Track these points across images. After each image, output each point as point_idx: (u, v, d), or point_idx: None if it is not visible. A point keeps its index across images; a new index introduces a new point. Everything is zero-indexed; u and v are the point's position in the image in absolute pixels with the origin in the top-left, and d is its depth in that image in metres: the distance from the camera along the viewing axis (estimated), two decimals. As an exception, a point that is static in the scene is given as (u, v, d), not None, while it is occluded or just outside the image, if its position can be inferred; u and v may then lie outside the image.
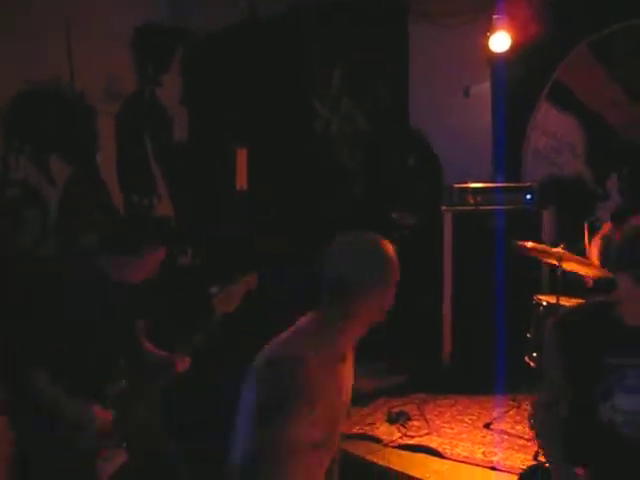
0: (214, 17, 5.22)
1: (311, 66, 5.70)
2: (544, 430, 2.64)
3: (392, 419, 4.72)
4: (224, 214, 5.28)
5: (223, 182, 5.30)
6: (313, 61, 5.71)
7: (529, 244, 4.63)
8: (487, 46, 5.75)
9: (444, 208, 5.68)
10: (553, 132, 6.12)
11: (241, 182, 5.36)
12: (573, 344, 2.50)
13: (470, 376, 5.23)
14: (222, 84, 5.32)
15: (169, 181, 5.13)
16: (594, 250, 5.05)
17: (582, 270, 4.76)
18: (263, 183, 5.37)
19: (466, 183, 5.71)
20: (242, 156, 5.28)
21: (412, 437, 4.50)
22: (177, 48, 5.17)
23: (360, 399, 5.05)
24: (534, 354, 4.67)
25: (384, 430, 4.60)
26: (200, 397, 4.28)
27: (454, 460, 4.21)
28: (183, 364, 3.08)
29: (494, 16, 5.64)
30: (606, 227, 5.17)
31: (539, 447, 2.67)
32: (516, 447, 4.33)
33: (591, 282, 4.92)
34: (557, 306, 4.51)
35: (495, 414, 4.81)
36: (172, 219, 5.12)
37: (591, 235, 5.22)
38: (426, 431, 4.59)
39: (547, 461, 2.63)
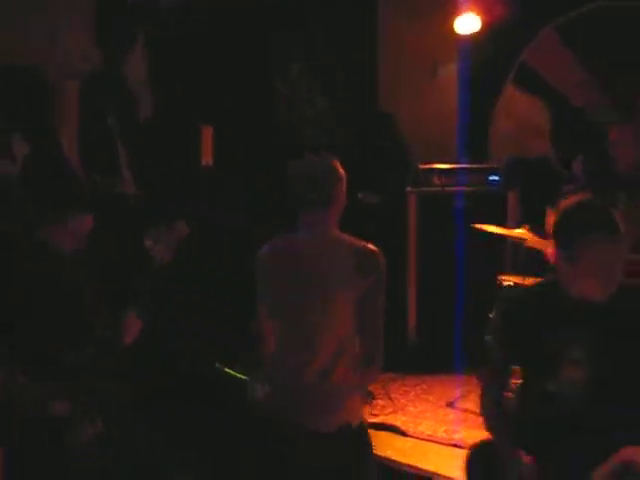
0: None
1: (276, 46, 5.67)
2: (492, 419, 2.69)
3: (356, 398, 4.74)
4: (190, 191, 5.25)
5: (189, 159, 5.27)
6: (278, 40, 5.67)
7: (488, 228, 4.65)
8: (454, 27, 5.76)
9: (409, 189, 5.69)
10: (519, 114, 6.15)
11: (206, 158, 5.34)
12: (518, 321, 2.56)
13: (435, 356, 5.28)
14: (187, 62, 5.27)
15: (133, 159, 5.08)
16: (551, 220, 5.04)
17: (546, 247, 4.78)
18: (229, 160, 5.35)
19: (432, 164, 5.72)
20: (207, 133, 5.24)
21: (377, 416, 4.53)
22: (141, 24, 5.10)
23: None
24: (497, 334, 4.71)
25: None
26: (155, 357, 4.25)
27: (417, 438, 4.27)
28: (135, 326, 3.03)
29: (461, -3, 5.65)
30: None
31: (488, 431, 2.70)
32: (478, 425, 4.34)
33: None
34: (520, 286, 4.55)
35: (458, 393, 4.87)
36: (136, 197, 5.06)
37: None
38: (390, 410, 4.63)
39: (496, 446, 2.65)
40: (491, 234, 4.78)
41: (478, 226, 4.63)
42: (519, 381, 2.66)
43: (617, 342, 2.43)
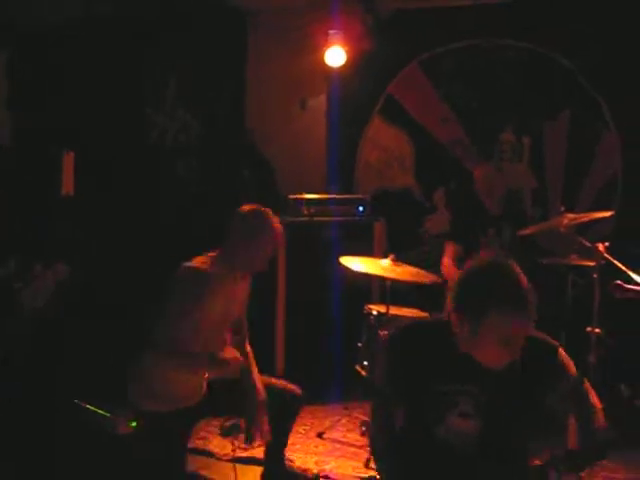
0: (44, 14, 4.95)
1: (146, 72, 5.54)
2: (381, 454, 2.54)
3: (225, 432, 4.62)
4: (49, 219, 5.01)
5: (48, 187, 5.03)
6: (147, 67, 5.55)
7: (352, 263, 4.62)
8: (323, 60, 5.83)
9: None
10: (384, 145, 6.29)
11: (67, 187, 5.11)
12: (406, 363, 2.41)
13: (303, 386, 5.23)
14: (51, 86, 5.05)
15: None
16: (451, 271, 5.09)
17: (411, 278, 4.87)
18: (91, 189, 5.15)
19: (300, 194, 5.74)
20: (69, 160, 5.02)
21: (245, 449, 4.43)
22: (2, 46, 4.85)
23: (191, 412, 4.93)
24: (365, 362, 4.74)
25: (217, 443, 4.51)
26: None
27: (287, 471, 4.19)
28: None
29: (329, 31, 5.73)
30: (450, 246, 5.28)
31: (376, 469, 2.61)
32: (348, 455, 4.38)
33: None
34: (387, 315, 4.61)
35: (327, 423, 4.84)
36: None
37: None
38: (259, 442, 4.53)
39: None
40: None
41: (344, 261, 4.63)
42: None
43: (507, 399, 2.36)
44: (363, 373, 4.74)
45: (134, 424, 4.43)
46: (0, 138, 5.02)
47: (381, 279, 5.14)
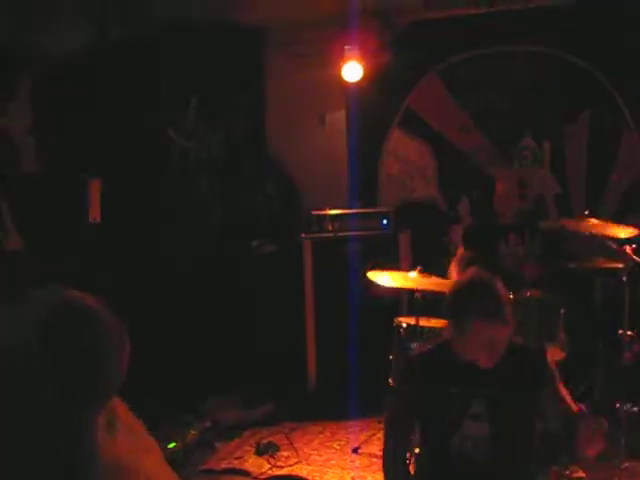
0: (60, 41, 5.03)
1: (165, 94, 5.61)
2: (392, 473, 2.75)
3: (260, 451, 4.65)
4: (77, 247, 5.06)
5: (75, 214, 5.08)
6: (167, 88, 5.61)
7: (380, 279, 4.63)
8: (340, 75, 5.86)
9: (303, 235, 5.70)
10: (405, 157, 6.30)
11: (94, 214, 5.15)
12: (421, 380, 2.70)
13: (336, 402, 5.24)
14: (74, 112, 5.12)
15: (17, 215, 4.86)
16: (453, 275, 5.18)
17: (441, 289, 4.87)
18: (117, 215, 5.20)
19: (324, 210, 5.76)
20: (95, 187, 5.08)
21: (281, 467, 4.45)
22: (24, 74, 4.93)
23: (226, 432, 4.95)
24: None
25: (253, 462, 4.52)
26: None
27: (325, 487, 4.20)
28: None
29: (345, 47, 5.76)
30: (460, 251, 5.34)
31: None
32: (385, 469, 4.36)
33: None
34: (417, 327, 4.61)
35: (363, 437, 4.84)
36: (21, 254, 4.84)
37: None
38: (295, 460, 4.55)
39: None
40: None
41: (371, 276, 4.64)
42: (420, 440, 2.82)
43: (509, 396, 2.62)
44: (395, 386, 4.74)
45: (172, 445, 4.48)
46: (26, 165, 5.10)
47: (410, 291, 5.15)
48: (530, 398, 2.65)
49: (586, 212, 4.67)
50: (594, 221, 4.54)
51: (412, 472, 3.04)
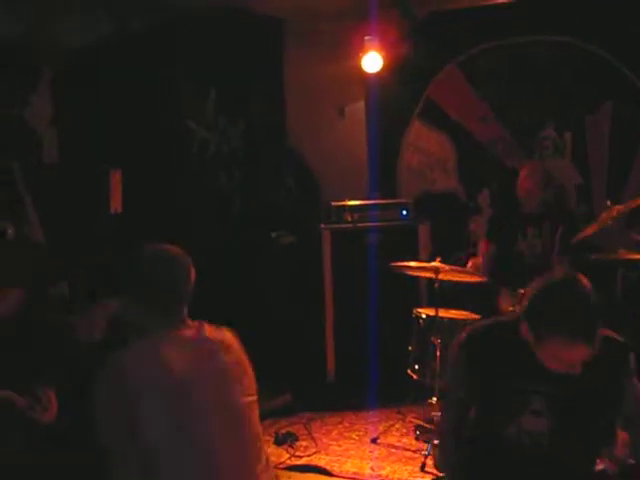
0: (83, 32, 5.07)
1: (185, 85, 5.62)
2: (450, 468, 2.61)
3: (279, 440, 4.67)
4: (98, 238, 5.10)
5: (97, 205, 5.12)
6: (187, 80, 5.63)
7: (406, 264, 4.70)
8: (360, 66, 5.85)
9: (322, 226, 5.71)
10: (425, 149, 6.28)
11: (115, 205, 5.19)
12: (481, 364, 2.47)
13: (355, 392, 5.26)
14: (94, 103, 5.15)
15: (39, 206, 4.90)
16: (472, 268, 5.17)
17: (460, 278, 4.88)
18: (138, 205, 5.23)
19: (343, 201, 5.76)
20: (116, 178, 5.11)
21: (300, 457, 4.47)
22: (46, 65, 4.97)
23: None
24: (416, 366, 4.75)
25: (272, 452, 4.53)
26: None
27: (343, 477, 4.21)
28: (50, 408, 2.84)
29: (365, 37, 5.75)
30: (482, 245, 5.32)
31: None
32: (403, 460, 4.38)
33: None
34: (436, 318, 4.61)
35: (381, 428, 4.85)
36: (43, 245, 4.89)
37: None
38: (314, 450, 4.57)
39: None
40: (404, 270, 4.84)
41: (395, 264, 4.67)
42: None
43: (578, 397, 2.40)
44: (415, 377, 4.74)
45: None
46: (47, 157, 5.14)
47: (429, 282, 5.15)
48: (602, 400, 2.42)
49: (608, 203, 4.64)
50: (618, 208, 4.50)
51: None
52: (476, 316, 4.71)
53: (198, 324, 2.50)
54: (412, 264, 4.74)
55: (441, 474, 2.75)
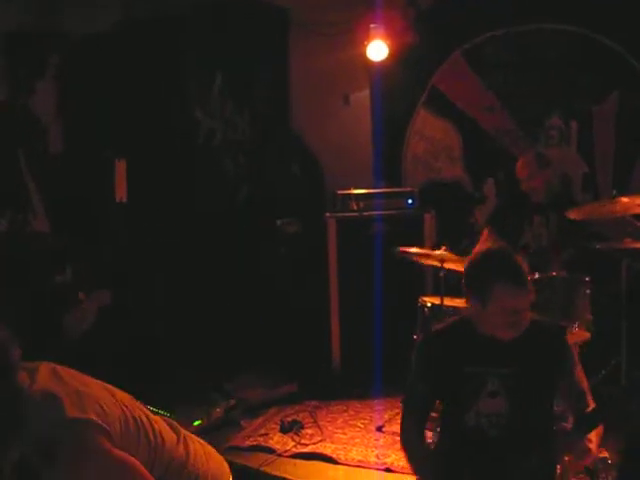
0: (89, 21, 5.07)
1: (191, 73, 5.62)
2: (413, 452, 2.73)
3: (285, 428, 4.69)
4: (103, 228, 5.12)
5: (102, 194, 5.14)
6: (193, 68, 5.63)
7: (411, 250, 4.72)
8: (365, 55, 5.84)
9: (328, 215, 5.71)
10: (431, 137, 6.27)
11: (120, 194, 5.20)
12: (438, 357, 2.69)
13: (360, 381, 5.27)
14: (99, 92, 5.15)
15: (44, 195, 4.92)
16: None
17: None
18: (143, 194, 5.24)
19: (349, 189, 5.76)
20: (121, 167, 5.12)
21: (306, 445, 4.48)
22: (51, 53, 4.97)
23: (251, 410, 5.00)
24: (421, 355, 4.74)
25: (278, 440, 4.56)
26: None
27: (348, 465, 4.23)
28: None
29: (371, 25, 5.73)
30: (485, 233, 5.32)
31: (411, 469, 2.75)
32: (409, 448, 4.38)
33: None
34: (441, 306, 4.62)
35: (386, 416, 4.86)
36: (49, 235, 4.91)
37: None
38: (319, 438, 4.59)
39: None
40: (411, 259, 4.84)
41: (403, 249, 4.68)
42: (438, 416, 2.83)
43: (528, 373, 2.62)
44: (420, 365, 4.74)
45: (197, 422, 4.54)
46: (53, 146, 5.15)
47: (434, 271, 5.15)
48: (548, 376, 2.65)
49: (613, 192, 4.63)
50: (621, 201, 4.50)
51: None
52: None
53: None
54: (418, 250, 4.75)
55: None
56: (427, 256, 4.77)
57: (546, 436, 2.64)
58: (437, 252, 4.60)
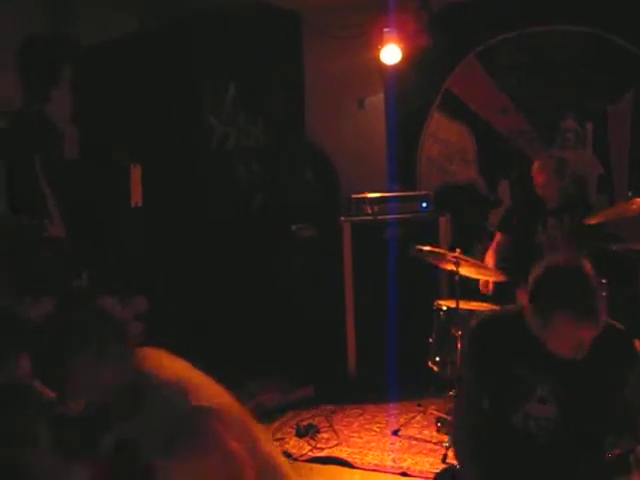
0: (103, 29, 5.10)
1: (204, 79, 5.64)
2: (465, 453, 2.62)
3: (301, 432, 4.69)
4: (119, 233, 5.14)
5: (117, 200, 5.17)
6: (206, 78, 5.65)
7: (427, 248, 4.72)
8: (379, 58, 5.83)
9: (343, 219, 5.71)
10: (445, 140, 6.26)
11: (136, 199, 5.23)
12: (488, 352, 2.53)
13: (376, 385, 5.26)
14: (114, 98, 5.19)
15: (60, 200, 4.95)
16: (490, 260, 5.16)
17: (479, 274, 4.88)
18: (158, 200, 5.27)
19: (363, 193, 5.76)
20: (136, 173, 5.15)
21: (322, 449, 4.48)
22: (66, 61, 5.01)
23: (267, 415, 5.00)
24: (437, 358, 4.74)
25: (294, 444, 4.56)
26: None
27: (364, 469, 4.23)
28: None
29: (384, 29, 5.72)
30: (496, 237, 5.30)
31: (459, 465, 2.65)
32: (425, 451, 4.38)
33: (491, 286, 5.03)
34: (457, 310, 4.60)
35: (402, 420, 4.85)
36: (65, 240, 4.94)
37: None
38: (335, 442, 4.58)
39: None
40: (426, 259, 4.83)
41: (419, 247, 4.68)
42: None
43: (584, 386, 2.43)
44: (435, 369, 4.74)
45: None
46: (68, 151, 5.19)
47: (449, 274, 5.14)
48: (608, 389, 2.46)
49: (629, 193, 4.60)
50: (637, 202, 4.47)
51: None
52: (497, 308, 4.69)
53: None
54: (435, 250, 4.74)
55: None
56: (442, 257, 4.76)
57: (597, 445, 2.49)
58: (451, 254, 4.59)
